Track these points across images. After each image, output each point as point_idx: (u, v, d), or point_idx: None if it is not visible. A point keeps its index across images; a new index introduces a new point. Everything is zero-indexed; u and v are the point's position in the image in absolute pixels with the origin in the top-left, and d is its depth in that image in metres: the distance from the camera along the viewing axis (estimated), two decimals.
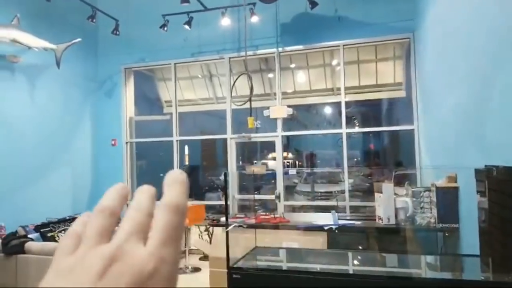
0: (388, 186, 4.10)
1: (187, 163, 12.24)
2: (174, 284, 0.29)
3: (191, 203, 7.03)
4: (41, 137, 6.38)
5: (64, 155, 6.91)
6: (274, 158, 7.54)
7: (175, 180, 0.33)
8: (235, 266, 2.84)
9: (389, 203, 4.03)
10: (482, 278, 2.62)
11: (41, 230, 5.59)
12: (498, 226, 2.33)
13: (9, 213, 5.53)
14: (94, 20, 6.61)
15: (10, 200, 5.71)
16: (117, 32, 6.91)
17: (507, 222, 2.19)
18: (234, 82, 6.89)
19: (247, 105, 6.60)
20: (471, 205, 2.84)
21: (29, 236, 5.37)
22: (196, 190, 11.33)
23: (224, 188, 3.99)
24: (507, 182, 2.12)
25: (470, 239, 2.96)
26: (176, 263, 0.30)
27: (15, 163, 5.90)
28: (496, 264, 2.42)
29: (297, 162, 13.82)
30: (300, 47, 6.89)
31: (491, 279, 2.45)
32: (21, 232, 5.45)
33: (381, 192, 4.08)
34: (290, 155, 13.45)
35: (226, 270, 2.79)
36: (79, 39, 6.43)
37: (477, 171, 2.66)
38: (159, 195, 0.34)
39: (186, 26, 6.62)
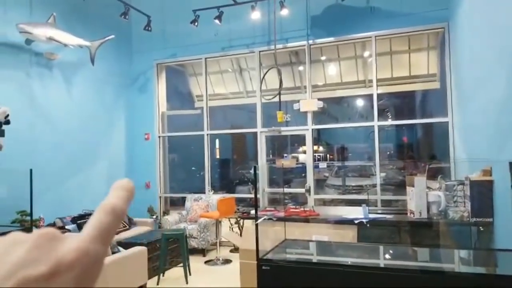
0: (420, 180, 4.02)
1: (218, 156, 12.41)
2: (92, 280, 0.30)
3: (222, 196, 7.15)
4: (78, 132, 6.63)
5: (100, 149, 7.16)
6: (304, 152, 7.53)
7: (120, 186, 0.35)
8: (264, 258, 2.87)
9: (421, 196, 3.96)
10: None
11: (78, 221, 5.82)
12: None
13: (48, 206, 5.77)
14: (127, 17, 6.78)
15: (49, 193, 5.97)
16: (149, 28, 7.07)
17: None
18: (264, 76, 6.92)
19: (277, 99, 6.62)
20: (506, 199, 2.76)
21: (66, 227, 5.62)
22: (226, 183, 11.48)
23: (254, 181, 4.04)
24: None
25: (504, 234, 2.88)
26: (99, 261, 0.30)
27: (54, 158, 6.17)
28: None
29: (328, 155, 13.70)
30: (331, 39, 6.82)
31: None
32: (59, 223, 5.70)
33: (413, 186, 4.01)
34: (320, 148, 13.35)
35: (255, 262, 2.83)
36: (112, 36, 6.63)
37: None
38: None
39: (217, 21, 6.69)
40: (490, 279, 2.46)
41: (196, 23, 6.85)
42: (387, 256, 3.32)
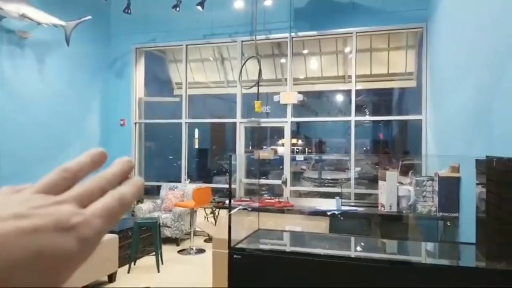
0: (392, 174, 4.12)
1: (196, 146, 12.34)
2: (83, 255, 0.30)
3: (198, 185, 7.13)
4: (50, 115, 6.43)
5: (73, 133, 6.96)
6: (283, 144, 7.58)
7: (135, 182, 0.36)
8: (236, 247, 2.89)
9: (392, 191, 4.06)
10: (477, 265, 2.66)
11: None
12: (495, 215, 2.36)
13: None
14: None
15: (16, 179, 5.81)
16: (129, 11, 6.90)
17: (503, 212, 2.21)
18: (243, 65, 6.90)
19: (256, 89, 6.62)
20: (471, 195, 2.86)
21: None
22: (204, 173, 11.45)
23: (229, 171, 4.05)
24: (506, 173, 2.14)
25: (468, 228, 2.99)
26: (97, 238, 0.30)
27: (23, 141, 5.96)
28: (490, 252, 2.45)
29: (306, 149, 13.83)
30: (314, 32, 6.85)
31: (485, 266, 2.49)
32: None
33: (385, 180, 4.11)
34: (299, 142, 13.45)
35: (227, 251, 2.85)
36: (89, 17, 6.43)
37: (478, 162, 2.67)
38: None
39: (199, 7, 6.60)
40: (453, 270, 2.55)
41: (178, 9, 6.74)
42: (357, 247, 3.40)
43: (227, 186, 7.97)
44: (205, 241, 6.79)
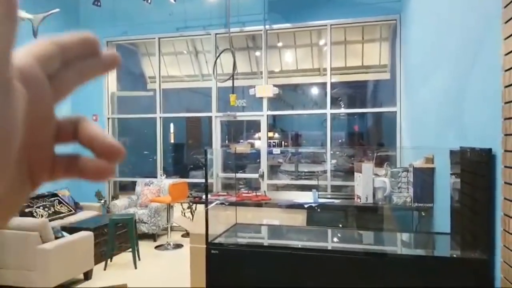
0: (367, 166, 4.16)
1: (172, 141, 12.19)
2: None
3: (175, 180, 7.04)
4: None
5: None
6: (259, 138, 7.56)
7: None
8: (214, 242, 2.86)
9: (367, 182, 4.10)
10: (452, 254, 2.71)
11: None
12: (468, 205, 2.40)
13: None
14: None
15: None
16: (99, 3, 6.70)
17: (477, 202, 2.25)
18: (217, 58, 6.82)
19: (231, 83, 6.56)
20: (445, 185, 2.91)
21: None
22: (180, 168, 11.33)
23: (205, 165, 3.99)
24: (480, 164, 2.17)
25: (442, 218, 3.05)
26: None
27: None
28: (465, 242, 2.50)
29: (283, 142, 13.88)
30: (288, 25, 6.82)
31: (459, 256, 2.54)
32: None
33: (361, 172, 4.14)
34: (276, 135, 13.49)
35: (205, 246, 2.82)
36: (57, 10, 6.21)
37: (452, 153, 2.72)
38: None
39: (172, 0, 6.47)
40: (428, 260, 2.59)
41: (149, 1, 6.58)
42: (334, 239, 3.42)
43: (204, 180, 7.91)
44: (182, 236, 6.73)
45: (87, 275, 4.78)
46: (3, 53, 0.23)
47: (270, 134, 10.58)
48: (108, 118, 7.56)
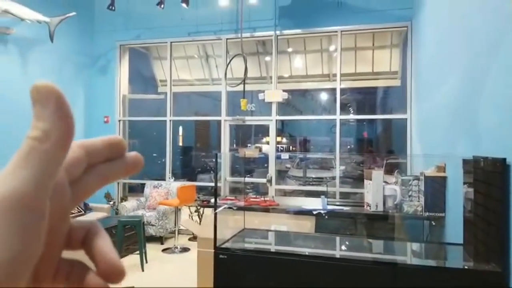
0: (377, 174, 4.13)
1: (181, 144, 12.23)
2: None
3: (183, 183, 7.05)
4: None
5: None
6: (268, 142, 7.55)
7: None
8: (222, 246, 2.85)
9: (378, 190, 4.07)
10: (464, 266, 2.67)
11: None
12: (482, 216, 2.37)
13: None
14: None
15: None
16: (113, 8, 6.79)
17: (490, 213, 2.22)
18: (229, 63, 6.84)
19: (242, 87, 6.57)
20: (457, 194, 2.87)
21: None
22: (189, 171, 11.35)
23: (214, 169, 4.00)
24: (494, 174, 2.14)
25: (454, 228, 3.01)
26: None
27: (3, 140, 5.82)
28: (478, 253, 2.46)
29: (291, 147, 13.86)
30: (298, 31, 6.82)
31: (472, 267, 2.50)
32: None
33: (371, 179, 4.11)
34: (284, 140, 13.47)
35: (213, 251, 2.81)
36: (73, 13, 6.31)
37: (465, 162, 2.68)
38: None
39: (184, 4, 6.51)
40: (440, 271, 2.56)
41: (162, 5, 6.64)
42: (343, 247, 3.39)
43: (211, 184, 7.91)
44: (189, 239, 6.73)
45: None
46: (48, 177, 0.24)
47: (278, 138, 10.58)
48: (119, 120, 7.61)
